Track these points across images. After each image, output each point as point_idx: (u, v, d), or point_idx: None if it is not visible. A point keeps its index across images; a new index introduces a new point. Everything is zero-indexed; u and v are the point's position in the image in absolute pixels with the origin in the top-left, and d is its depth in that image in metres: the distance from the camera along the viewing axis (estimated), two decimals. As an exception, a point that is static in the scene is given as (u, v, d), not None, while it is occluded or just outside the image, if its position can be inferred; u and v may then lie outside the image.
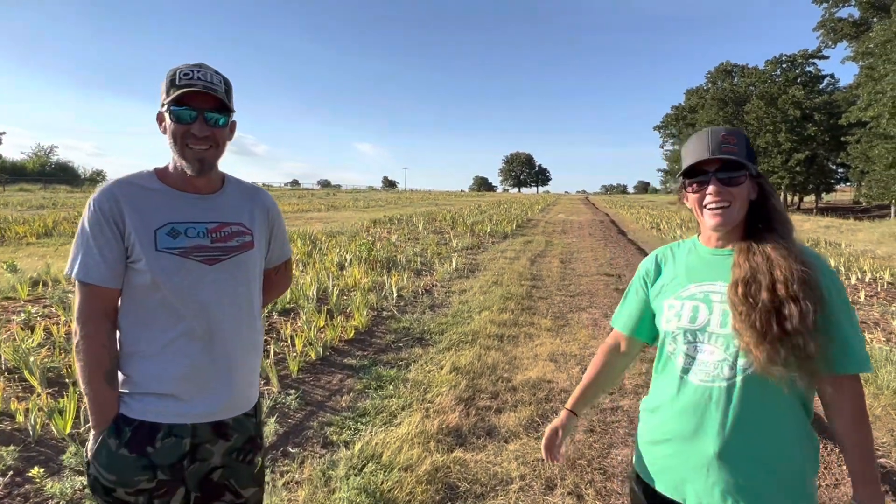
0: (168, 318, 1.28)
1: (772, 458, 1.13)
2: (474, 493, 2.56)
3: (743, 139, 1.22)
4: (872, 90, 20.60)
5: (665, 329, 1.28)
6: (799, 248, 1.17)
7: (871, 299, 7.06)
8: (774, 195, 1.24)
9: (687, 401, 1.20)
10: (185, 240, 1.29)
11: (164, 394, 1.27)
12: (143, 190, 1.29)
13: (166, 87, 1.27)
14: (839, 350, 1.09)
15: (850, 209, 38.67)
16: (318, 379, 3.98)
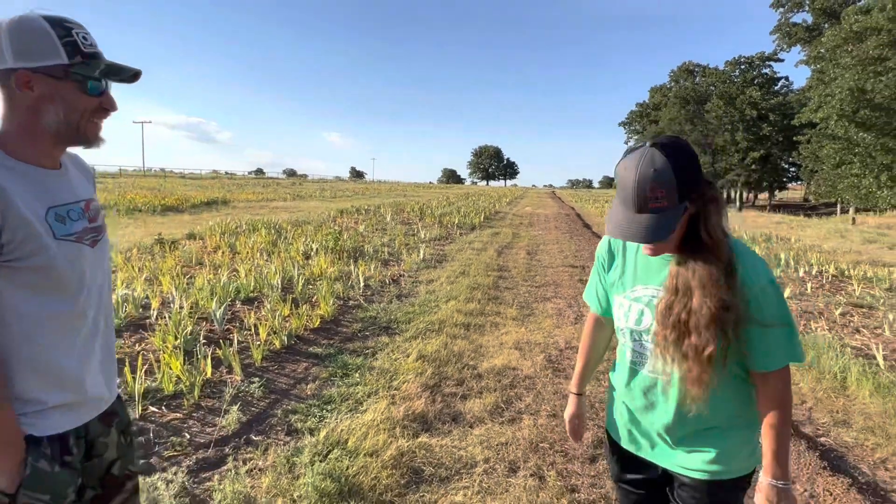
0: (64, 316, 1.14)
1: (707, 424, 1.25)
2: (439, 476, 2.60)
3: (671, 177, 1.08)
4: (822, 93, 21.60)
5: (616, 325, 1.39)
6: (729, 265, 1.15)
7: (816, 291, 7.45)
8: (712, 214, 1.16)
9: (638, 386, 1.34)
10: (71, 224, 1.15)
11: (69, 402, 1.16)
12: (11, 171, 1.07)
13: (56, 48, 1.07)
14: (762, 354, 1.18)
15: (801, 206, 40.61)
16: (282, 367, 3.93)
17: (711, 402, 1.22)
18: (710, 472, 1.25)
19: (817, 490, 2.63)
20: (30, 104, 1.08)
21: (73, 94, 1.10)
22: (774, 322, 1.16)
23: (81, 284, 1.16)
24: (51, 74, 1.08)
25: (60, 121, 1.11)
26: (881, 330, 5.42)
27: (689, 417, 1.25)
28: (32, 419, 1.10)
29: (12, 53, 1.05)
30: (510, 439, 2.99)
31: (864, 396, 3.70)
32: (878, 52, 18.71)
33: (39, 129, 1.11)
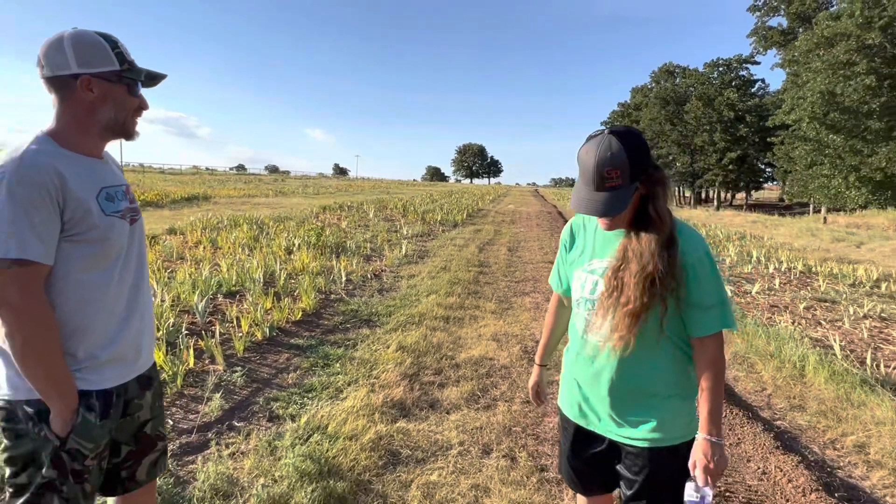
0: (114, 284, 1.33)
1: (648, 391, 1.39)
2: (416, 458, 2.72)
3: (625, 160, 1.25)
4: (796, 95, 22.22)
5: (574, 297, 1.52)
6: (666, 239, 1.30)
7: (784, 286, 7.75)
8: (658, 196, 1.32)
9: (587, 353, 1.47)
10: (118, 203, 1.36)
11: (114, 359, 1.34)
12: (68, 158, 1.26)
13: (110, 56, 1.29)
14: (694, 320, 1.33)
15: (776, 206, 41.63)
16: (264, 358, 4.01)
17: (652, 371, 1.37)
18: (650, 439, 1.38)
19: (769, 467, 2.81)
20: (88, 104, 1.29)
21: (122, 95, 1.33)
22: (707, 291, 1.31)
23: (123, 256, 1.36)
24: (106, 79, 1.30)
25: (112, 118, 1.33)
26: (841, 323, 5.70)
27: (630, 385, 1.38)
28: (84, 375, 1.29)
29: (76, 61, 1.26)
30: (485, 424, 3.12)
31: (819, 383, 3.92)
32: (847, 57, 19.33)
33: (92, 125, 1.32)
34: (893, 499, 2.60)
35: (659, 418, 1.38)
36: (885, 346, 4.91)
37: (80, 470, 1.28)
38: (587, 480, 1.58)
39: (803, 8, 33.57)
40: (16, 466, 1.26)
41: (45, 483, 1.25)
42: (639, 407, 1.40)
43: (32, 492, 1.26)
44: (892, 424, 3.21)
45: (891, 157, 17.84)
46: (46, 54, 1.26)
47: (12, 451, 1.25)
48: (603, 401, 1.44)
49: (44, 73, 1.27)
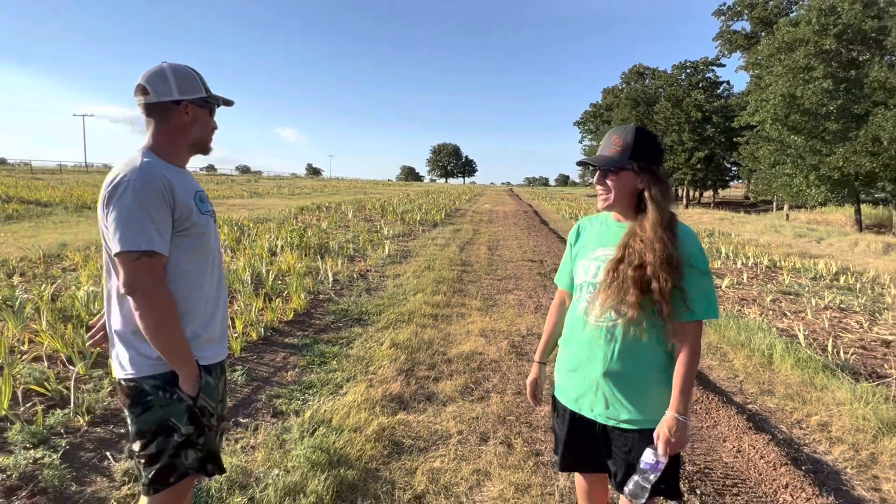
0: (209, 273, 1.57)
1: (638, 380, 1.55)
2: (418, 447, 2.87)
3: (630, 139, 1.51)
4: (759, 97, 23.12)
5: (577, 282, 1.66)
6: (671, 232, 1.48)
7: (752, 280, 8.16)
8: (657, 185, 1.51)
9: (585, 336, 1.61)
10: (208, 204, 1.62)
11: (211, 340, 1.58)
12: (171, 169, 1.51)
13: (200, 85, 1.56)
14: (683, 306, 1.48)
15: (742, 204, 43.06)
16: (261, 357, 4.09)
17: (645, 355, 1.53)
18: (638, 421, 1.54)
19: (743, 446, 3.06)
20: (185, 124, 1.55)
21: (207, 117, 1.60)
22: (696, 281, 1.49)
23: (213, 251, 1.60)
24: (198, 104, 1.56)
25: (199, 136, 1.61)
26: (804, 314, 6.07)
27: (623, 367, 1.53)
28: (196, 350, 1.52)
29: (178, 89, 1.51)
30: (480, 414, 3.29)
31: (786, 370, 4.22)
32: (806, 62, 20.22)
33: (183, 141, 1.58)
34: (853, 470, 2.87)
35: (647, 402, 1.54)
36: (843, 335, 5.28)
37: (210, 425, 1.55)
38: (583, 461, 1.72)
39: (765, 13, 34.86)
40: (146, 438, 1.46)
41: (182, 441, 1.49)
42: (630, 390, 1.54)
43: (170, 453, 1.46)
44: (851, 405, 3.51)
45: (847, 157, 18.74)
46: (152, 83, 1.49)
47: (141, 424, 1.47)
48: (596, 383, 1.57)
49: (148, 100, 1.50)
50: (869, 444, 3.11)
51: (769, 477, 2.75)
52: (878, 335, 5.31)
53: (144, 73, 1.51)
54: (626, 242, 1.52)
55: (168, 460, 1.47)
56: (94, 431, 2.85)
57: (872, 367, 4.37)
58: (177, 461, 1.48)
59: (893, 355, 4.72)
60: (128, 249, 1.35)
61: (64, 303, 4.87)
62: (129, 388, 1.46)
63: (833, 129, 19.68)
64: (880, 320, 5.88)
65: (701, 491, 2.61)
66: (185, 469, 1.50)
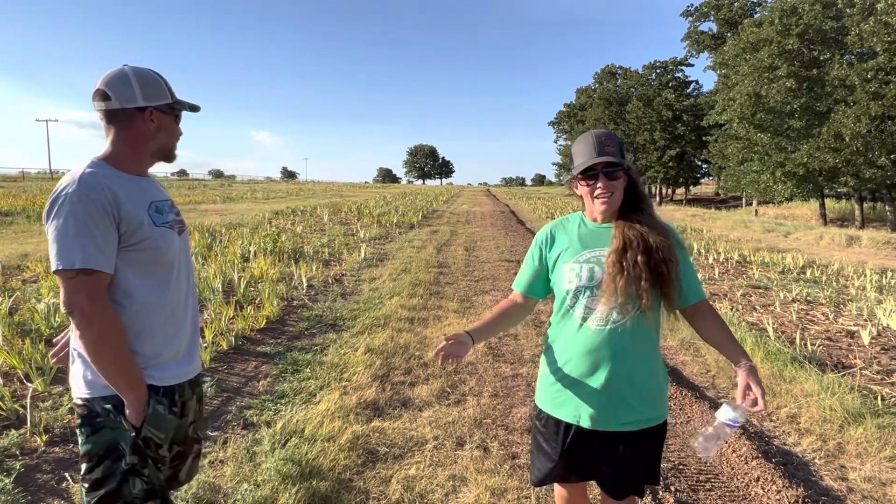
0: (170, 288, 1.47)
1: (641, 379, 1.53)
2: (393, 455, 2.82)
3: (616, 140, 1.56)
4: (726, 97, 23.72)
5: (567, 288, 1.56)
6: (658, 221, 1.56)
7: (723, 275, 8.34)
8: (640, 183, 1.61)
9: (585, 343, 1.53)
10: (166, 214, 1.50)
11: (174, 360, 1.48)
12: (121, 179, 1.41)
13: (165, 91, 1.47)
14: (690, 288, 1.56)
15: (712, 200, 44.13)
16: (231, 367, 3.99)
17: (646, 355, 1.54)
18: (637, 421, 1.53)
19: (716, 441, 3.10)
20: (149, 132, 1.46)
21: (172, 124, 1.52)
22: (689, 266, 1.57)
23: (174, 264, 1.50)
24: (163, 111, 1.47)
25: (165, 144, 1.52)
26: (773, 307, 6.22)
27: (628, 370, 1.50)
28: (152, 371, 1.43)
29: (142, 96, 1.43)
30: (456, 418, 3.26)
31: (756, 363, 4.29)
32: (770, 62, 20.82)
33: (145, 150, 1.49)
34: (821, 460, 2.93)
35: (649, 401, 1.54)
36: (811, 327, 5.42)
37: (155, 458, 1.42)
38: (574, 473, 1.65)
39: (730, 14, 35.80)
40: (92, 462, 1.38)
41: (129, 469, 1.38)
42: (635, 392, 1.52)
43: (119, 479, 1.38)
44: (818, 396, 3.59)
45: (811, 154, 19.35)
46: (114, 88, 1.40)
47: (90, 445, 1.38)
48: (602, 388, 1.51)
49: (110, 106, 1.41)
50: (836, 434, 3.18)
51: (741, 471, 2.79)
52: (842, 326, 5.46)
53: (104, 77, 1.42)
54: (623, 232, 1.52)
55: (114, 486, 1.38)
56: (52, 452, 2.73)
57: (838, 358, 4.49)
58: (124, 488, 1.38)
59: (857, 345, 4.86)
60: (63, 267, 1.28)
61: (22, 316, 4.67)
62: (80, 408, 1.39)
63: (797, 126, 20.31)
64: (845, 311, 6.06)
65: (675, 488, 2.63)
66: (131, 499, 1.40)
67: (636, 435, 1.55)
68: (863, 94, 17.79)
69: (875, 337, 5.05)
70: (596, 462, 1.61)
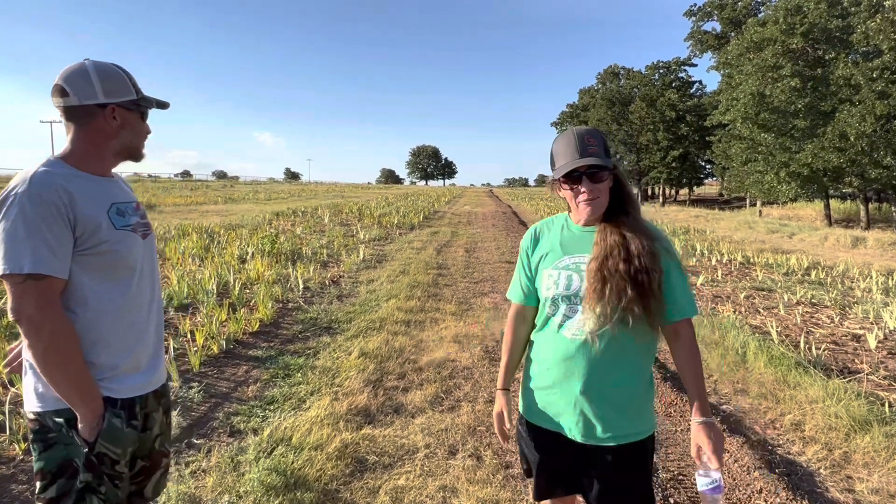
0: (131, 295, 1.39)
1: (620, 392, 1.43)
2: (382, 464, 2.73)
3: (600, 138, 1.44)
4: (730, 96, 23.53)
5: (546, 295, 1.49)
6: (644, 225, 1.44)
7: (726, 277, 8.22)
8: (627, 183, 1.50)
9: (562, 352, 1.46)
10: (129, 217, 1.42)
11: (134, 370, 1.40)
12: (79, 178, 1.33)
13: (129, 86, 1.38)
14: (672, 304, 1.41)
15: (716, 201, 43.90)
16: (221, 371, 3.90)
17: (627, 365, 1.43)
18: (620, 436, 1.42)
19: (717, 449, 2.99)
20: (111, 130, 1.38)
21: (137, 121, 1.43)
22: (677, 277, 1.43)
23: (136, 269, 1.41)
24: (126, 107, 1.39)
25: (130, 142, 1.43)
26: (777, 309, 6.10)
27: (605, 381, 1.41)
28: (108, 383, 1.34)
29: (103, 91, 1.34)
30: (450, 425, 3.17)
31: (759, 368, 4.19)
32: (774, 61, 20.64)
33: (107, 148, 1.40)
34: (826, 471, 2.83)
35: (629, 415, 1.43)
36: (815, 330, 5.30)
37: (111, 475, 1.33)
38: (558, 485, 1.57)
39: (734, 14, 35.59)
40: (46, 480, 1.30)
41: (85, 487, 1.30)
42: (611, 404, 1.42)
43: (74, 498, 1.30)
44: (823, 402, 3.48)
45: (815, 154, 19.16)
46: (72, 83, 1.33)
47: (43, 463, 1.30)
48: (575, 400, 1.44)
49: (68, 102, 1.33)
50: (842, 442, 3.08)
51: (743, 482, 2.69)
52: (848, 329, 5.35)
53: (62, 73, 1.33)
54: (605, 238, 1.43)
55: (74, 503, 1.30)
56: (30, 460, 2.64)
57: (843, 363, 4.38)
58: None
59: (863, 350, 4.75)
60: (10, 272, 1.19)
61: (12, 319, 4.60)
62: (32, 423, 1.31)
63: (801, 126, 20.14)
64: (850, 314, 5.94)
65: (674, 500, 2.53)
66: None
67: (619, 451, 1.44)
68: (868, 93, 17.61)
69: (882, 341, 4.94)
70: (579, 475, 1.52)
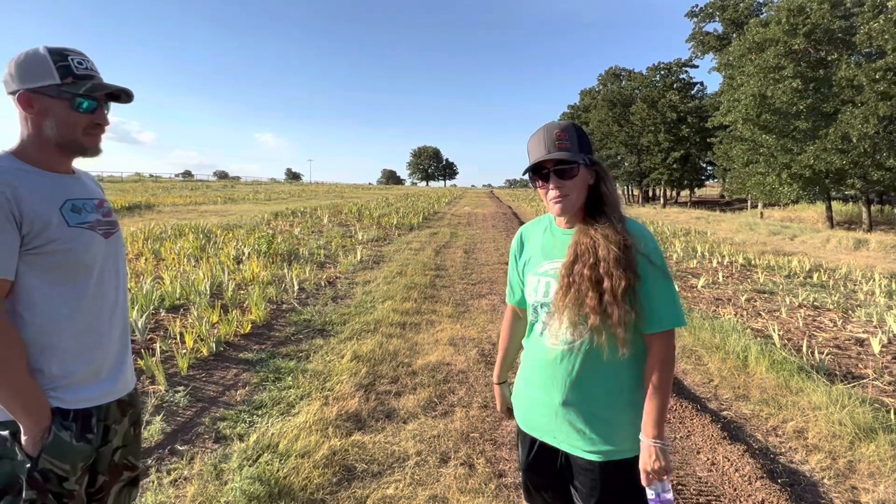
0: (87, 297, 1.29)
1: (596, 406, 1.36)
2: (371, 472, 2.64)
3: (574, 133, 1.36)
4: (731, 98, 23.43)
5: (529, 302, 1.48)
6: (621, 227, 1.34)
7: (727, 279, 8.12)
8: (608, 180, 1.40)
9: (543, 360, 1.42)
10: (86, 214, 1.32)
11: (92, 378, 1.30)
12: (29, 174, 1.24)
13: (57, 71, 1.24)
14: (649, 314, 1.32)
15: (717, 202, 43.74)
16: (210, 375, 3.81)
17: (608, 377, 1.35)
18: (603, 452, 1.34)
19: (718, 458, 2.90)
20: (33, 120, 1.26)
21: (64, 110, 1.26)
22: (657, 284, 1.32)
23: (95, 270, 1.30)
24: (46, 94, 1.24)
25: (56, 134, 1.27)
26: (779, 313, 6.01)
27: (586, 392, 1.34)
28: (60, 393, 1.24)
29: (17, 78, 1.24)
30: (442, 432, 3.08)
31: (761, 373, 4.10)
32: (776, 62, 20.53)
33: (44, 141, 1.28)
34: (830, 480, 2.73)
35: (612, 430, 1.35)
36: (818, 334, 5.21)
37: (59, 493, 1.23)
38: (543, 494, 1.52)
39: (736, 15, 35.46)
40: None
41: None
42: (593, 418, 1.35)
43: None
44: (827, 409, 3.39)
45: (817, 155, 19.04)
46: (7, 73, 1.27)
47: None
48: (556, 411, 1.39)
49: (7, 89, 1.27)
50: (846, 451, 2.98)
51: (744, 492, 2.59)
52: (851, 333, 5.25)
53: None
54: (577, 241, 1.36)
55: None
56: None
57: (847, 368, 4.29)
58: None
59: (867, 354, 4.65)
60: None
61: None
62: None
63: (803, 127, 20.02)
64: (853, 318, 5.84)
65: (673, 511, 2.43)
66: None
67: (601, 468, 1.35)
68: (871, 94, 17.50)
69: (886, 345, 4.84)
70: (563, 486, 1.46)
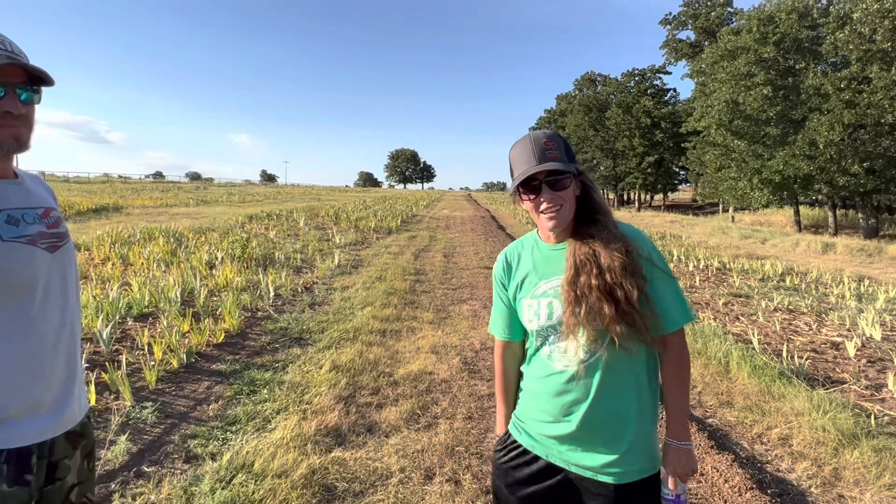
0: (23, 318, 1.13)
1: (622, 423, 1.28)
2: (353, 491, 2.52)
3: (561, 142, 1.31)
4: (704, 104, 23.96)
5: (529, 328, 1.37)
6: (619, 233, 1.30)
7: (703, 283, 8.21)
8: (595, 189, 1.35)
9: (555, 385, 1.31)
10: (26, 226, 1.17)
11: (31, 411, 1.14)
12: None
13: None
14: (661, 315, 1.27)
15: (690, 206, 44.71)
16: (180, 388, 3.62)
17: (624, 395, 1.27)
18: (616, 474, 1.25)
19: (706, 468, 2.87)
20: None
21: None
22: (663, 284, 1.28)
23: (36, 289, 1.15)
24: None
25: None
26: (756, 316, 6.07)
27: (605, 413, 1.26)
28: None
29: None
30: (426, 446, 2.97)
31: (743, 378, 4.10)
32: (747, 69, 21.07)
33: None
34: (817, 489, 2.72)
35: (633, 448, 1.27)
36: (795, 338, 5.27)
37: None
38: None
39: (708, 23, 36.38)
40: None
41: None
42: (613, 438, 1.28)
43: None
44: (809, 415, 3.40)
45: (786, 161, 19.60)
46: None
47: None
48: (571, 438, 1.30)
49: None
50: (830, 458, 2.98)
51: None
52: (826, 337, 5.33)
53: None
54: (574, 253, 1.28)
55: None
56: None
57: (825, 372, 4.33)
58: None
59: (843, 358, 4.72)
60: None
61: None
62: None
63: (773, 133, 20.56)
64: (827, 321, 5.95)
65: (664, 526, 2.37)
66: None
67: (616, 490, 1.26)
68: (837, 102, 18.08)
69: (860, 349, 4.92)
70: None
